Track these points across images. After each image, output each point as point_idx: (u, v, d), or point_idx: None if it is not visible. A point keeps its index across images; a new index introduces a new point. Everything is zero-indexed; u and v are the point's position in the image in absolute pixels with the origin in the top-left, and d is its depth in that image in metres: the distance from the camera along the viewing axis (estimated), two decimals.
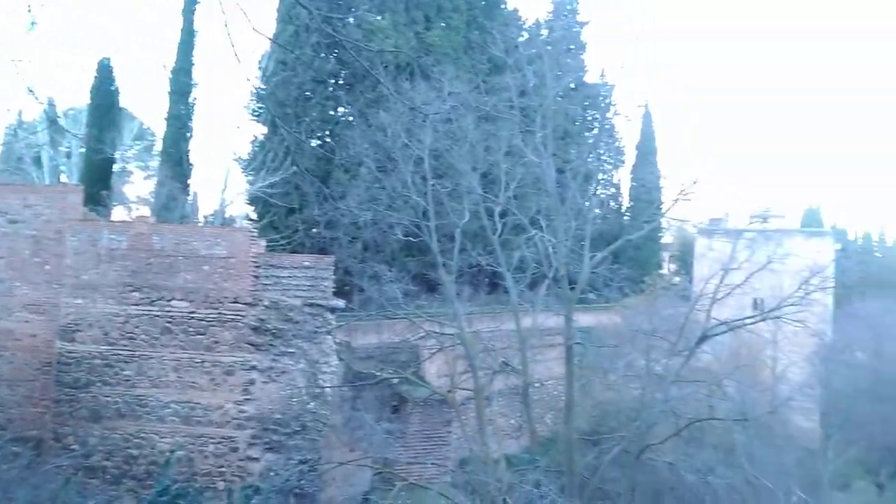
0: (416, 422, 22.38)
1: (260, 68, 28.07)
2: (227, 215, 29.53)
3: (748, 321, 19.60)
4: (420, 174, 20.52)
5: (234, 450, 17.42)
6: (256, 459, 17.40)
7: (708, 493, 19.30)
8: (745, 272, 19.90)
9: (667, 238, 58.03)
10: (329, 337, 18.63)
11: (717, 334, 20.02)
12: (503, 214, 20.92)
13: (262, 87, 26.82)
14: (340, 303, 19.43)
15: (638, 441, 19.41)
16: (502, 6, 36.14)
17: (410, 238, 20.43)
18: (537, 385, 29.41)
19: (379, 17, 28.68)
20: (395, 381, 21.68)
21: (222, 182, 28.00)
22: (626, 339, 26.59)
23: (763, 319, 19.37)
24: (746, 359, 38.43)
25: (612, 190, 45.57)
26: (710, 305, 19.11)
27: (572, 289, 19.79)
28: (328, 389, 18.20)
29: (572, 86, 37.99)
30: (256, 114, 29.28)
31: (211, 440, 17.46)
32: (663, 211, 24.87)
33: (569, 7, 40.12)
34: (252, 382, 17.75)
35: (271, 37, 24.89)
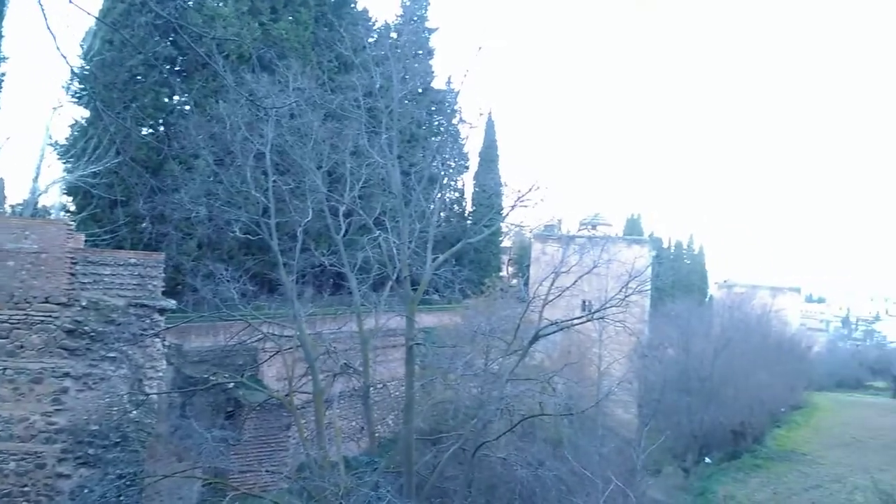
0: (252, 427, 21.45)
1: (83, 46, 25.56)
2: (39, 206, 26.51)
3: (576, 321, 20.94)
4: (261, 170, 19.75)
5: (41, 466, 15.64)
6: (68, 476, 15.74)
7: (538, 486, 20.38)
8: (574, 275, 21.21)
9: (506, 242, 60.74)
10: (157, 340, 17.31)
11: (548, 334, 21.18)
12: (348, 214, 20.69)
13: (85, 66, 24.43)
14: (171, 303, 18.14)
15: (474, 438, 20.03)
16: (352, 5, 35.88)
17: (249, 236, 19.57)
18: (380, 386, 29.47)
19: (221, 4, 27.28)
20: (231, 385, 20.67)
21: (34, 169, 25.12)
22: (465, 339, 27.45)
23: (589, 320, 20.79)
24: (575, 356, 41.14)
25: (456, 194, 46.89)
26: (542, 307, 20.17)
27: (415, 290, 20.00)
28: (154, 396, 16.92)
29: (420, 90, 38.57)
30: (78, 96, 26.61)
31: (12, 457, 15.54)
32: (503, 216, 25.88)
33: (418, 13, 40.72)
34: (64, 391, 16.03)
35: (97, 13, 22.75)
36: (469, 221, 44.87)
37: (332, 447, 19.73)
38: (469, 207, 48.59)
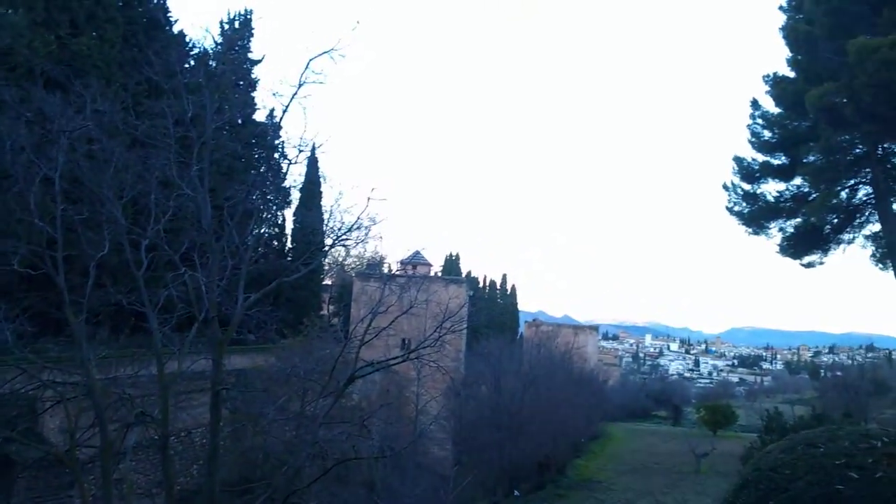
0: (25, 489, 18.78)
1: None
2: None
3: (392, 362, 20.97)
4: (49, 196, 17.72)
5: None
6: None
7: None
8: (392, 315, 21.30)
9: (328, 280, 59.96)
10: None
11: (364, 375, 20.99)
12: (151, 249, 19.15)
13: None
14: None
15: (286, 486, 19.13)
16: (167, 27, 34.06)
17: (31, 270, 17.35)
18: (183, 434, 27.30)
19: (10, 11, 24.51)
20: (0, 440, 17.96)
21: None
22: (280, 381, 26.42)
23: (405, 360, 20.90)
24: (394, 396, 41.24)
25: (276, 230, 45.60)
26: (359, 347, 20.00)
27: (225, 331, 18.89)
28: None
29: (240, 121, 37.30)
30: None
31: None
32: (322, 254, 25.50)
33: (240, 42, 39.61)
34: None
35: None
36: (289, 259, 43.70)
37: None
38: (290, 245, 47.44)
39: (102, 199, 17.48)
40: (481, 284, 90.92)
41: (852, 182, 35.83)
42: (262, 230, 40.11)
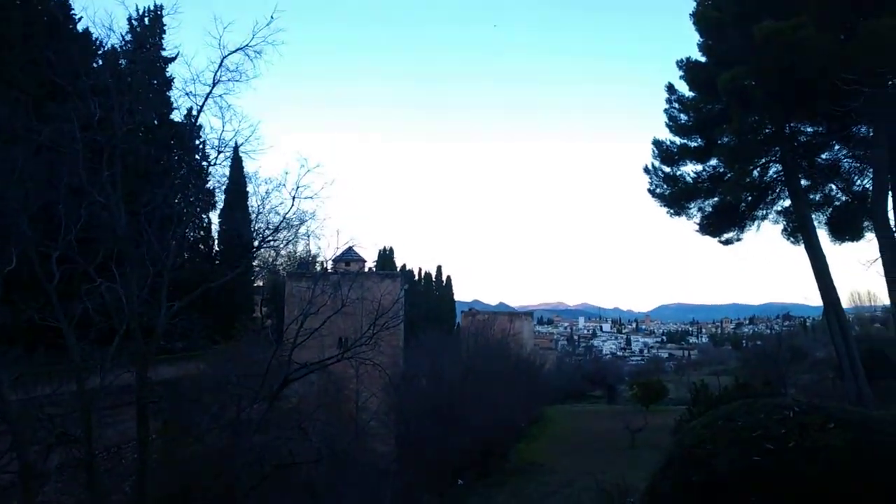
0: None
1: None
2: None
3: (326, 363, 20.72)
4: None
5: None
6: None
7: None
8: (325, 315, 21.03)
9: (260, 281, 58.68)
10: None
11: (298, 377, 20.67)
12: (63, 260, 18.18)
13: None
14: None
15: (223, 496, 18.67)
16: (71, 26, 32.33)
17: None
18: (113, 451, 26.24)
19: None
20: None
21: None
22: (213, 388, 25.66)
23: (339, 360, 20.71)
24: (333, 395, 40.74)
25: (201, 234, 44.17)
26: (291, 349, 19.66)
27: (148, 342, 18.18)
28: None
29: (156, 122, 35.82)
30: None
31: None
32: (250, 256, 24.86)
33: (151, 40, 37.96)
34: None
35: None
36: (217, 262, 42.45)
37: None
38: (217, 248, 46.05)
39: (6, 210, 16.47)
40: (416, 277, 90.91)
41: (763, 160, 37.54)
42: (187, 234, 38.72)
